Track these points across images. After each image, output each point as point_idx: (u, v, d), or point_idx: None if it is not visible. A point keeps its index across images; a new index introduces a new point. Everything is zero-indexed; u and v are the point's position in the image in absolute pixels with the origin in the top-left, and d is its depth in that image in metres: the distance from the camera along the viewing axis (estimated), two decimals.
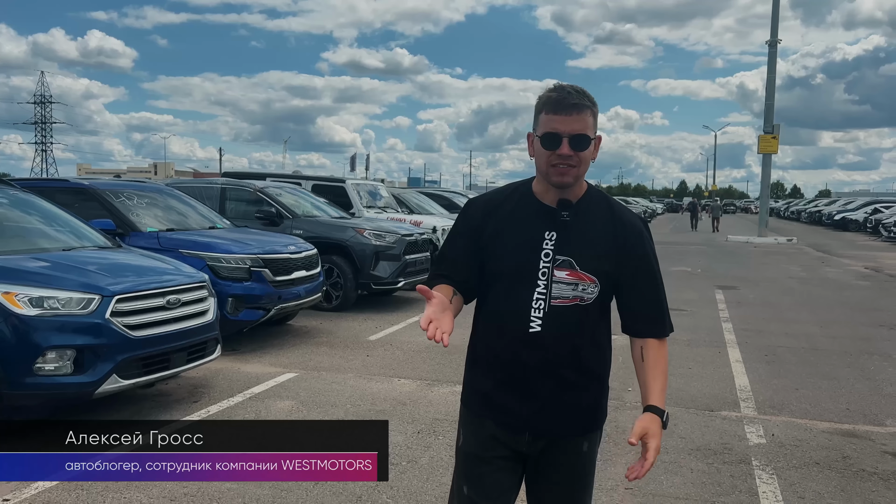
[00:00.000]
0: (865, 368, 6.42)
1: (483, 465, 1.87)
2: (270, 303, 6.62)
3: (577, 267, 1.80)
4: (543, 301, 1.79)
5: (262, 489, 3.51)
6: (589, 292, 1.80)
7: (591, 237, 1.82)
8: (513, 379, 1.83)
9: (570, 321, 1.80)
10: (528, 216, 1.84)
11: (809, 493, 3.68)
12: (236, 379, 5.59)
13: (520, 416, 1.83)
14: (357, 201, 11.42)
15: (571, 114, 1.73)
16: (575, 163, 1.75)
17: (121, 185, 7.66)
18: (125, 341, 4.28)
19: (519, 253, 1.81)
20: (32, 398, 4.10)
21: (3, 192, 5.38)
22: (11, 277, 4.17)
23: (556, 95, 1.76)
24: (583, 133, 1.74)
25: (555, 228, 1.81)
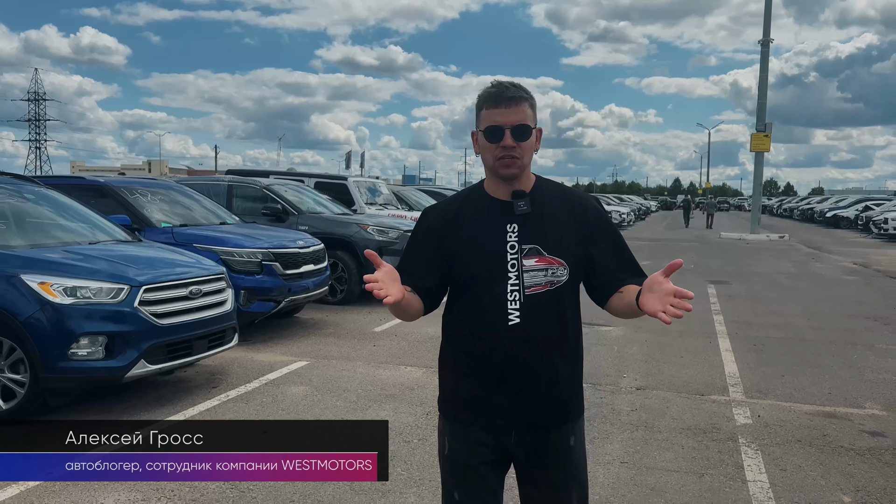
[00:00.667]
0: (848, 357, 6.75)
1: (471, 471, 1.90)
2: (281, 295, 6.91)
3: (545, 252, 1.84)
4: (518, 292, 1.82)
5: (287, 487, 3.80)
6: (559, 275, 1.84)
7: (551, 222, 1.87)
8: (499, 376, 1.85)
9: (546, 308, 1.84)
10: (486, 215, 1.88)
11: (790, 465, 3.99)
12: (251, 367, 5.87)
13: (507, 413, 1.86)
14: (359, 198, 11.70)
15: (511, 106, 1.81)
16: (518, 154, 1.82)
17: (134, 182, 7.93)
18: (152, 328, 4.56)
19: (486, 251, 1.85)
20: (67, 381, 4.38)
21: (28, 189, 5.64)
22: (46, 269, 4.45)
23: (495, 91, 1.84)
24: (523, 123, 1.81)
25: (514, 220, 1.85)
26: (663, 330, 7.81)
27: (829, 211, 39.78)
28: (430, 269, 1.90)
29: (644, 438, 4.39)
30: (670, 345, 7.07)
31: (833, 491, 3.66)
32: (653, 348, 6.90)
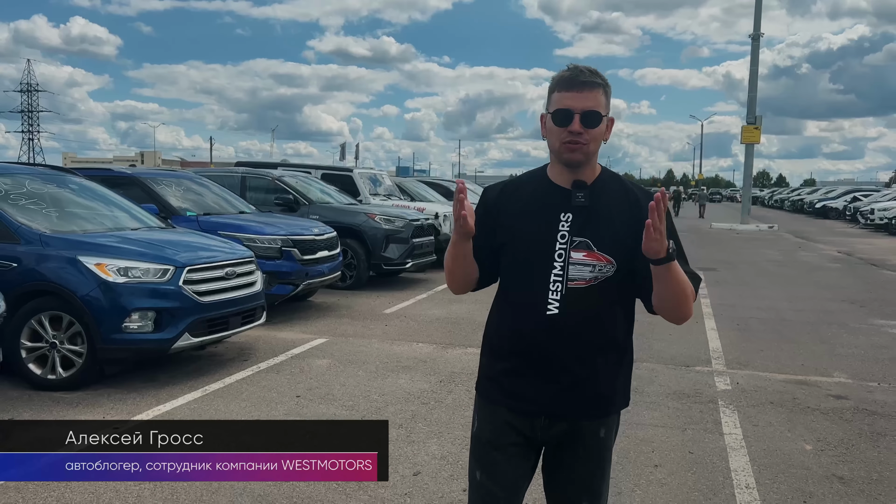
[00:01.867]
0: (823, 335, 7.33)
1: (496, 452, 1.88)
2: (299, 279, 7.43)
3: (595, 248, 1.79)
4: (561, 283, 1.79)
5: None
6: (606, 272, 1.79)
7: (607, 217, 1.81)
8: (530, 362, 1.83)
9: (588, 303, 1.79)
10: (543, 199, 1.85)
11: (762, 422, 4.56)
12: (275, 343, 6.40)
13: (535, 400, 1.84)
14: (363, 189, 12.20)
15: (583, 91, 1.77)
16: (586, 140, 1.77)
17: (159, 173, 8.43)
18: (195, 305, 5.09)
19: (535, 235, 1.82)
20: (121, 352, 4.91)
21: (70, 180, 6.13)
22: (100, 251, 4.96)
23: (569, 74, 1.80)
24: (594, 109, 1.77)
25: (570, 210, 1.81)
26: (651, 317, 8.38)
27: (818, 202, 40.50)
28: (486, 247, 1.89)
29: (634, 401, 4.89)
30: (660, 324, 7.55)
31: (797, 441, 4.23)
32: (643, 327, 7.38)
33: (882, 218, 25.37)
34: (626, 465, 3.81)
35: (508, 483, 1.88)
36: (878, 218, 25.77)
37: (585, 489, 1.89)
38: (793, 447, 4.13)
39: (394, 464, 3.73)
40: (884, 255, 16.36)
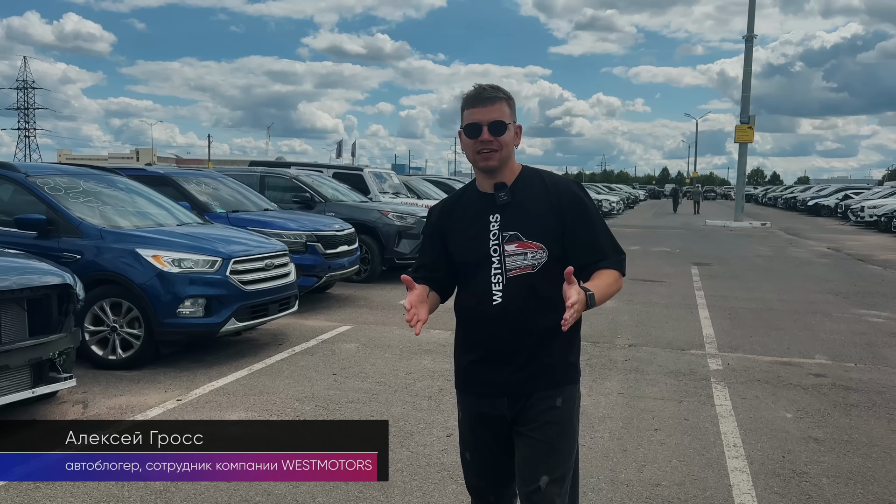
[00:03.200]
0: (808, 323, 7.92)
1: (476, 434, 2.15)
2: (322, 271, 7.98)
3: (524, 238, 2.01)
4: (500, 275, 2.01)
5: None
6: (539, 258, 2.01)
7: (530, 208, 2.03)
8: (487, 349, 2.06)
9: (527, 288, 2.00)
10: (474, 207, 2.09)
11: (749, 395, 5.13)
12: (305, 330, 6.95)
13: (496, 383, 2.06)
14: (374, 187, 12.75)
15: (487, 105, 2.00)
16: (496, 146, 1.99)
17: (187, 173, 8.96)
18: (240, 293, 5.64)
19: (473, 240, 2.05)
20: (175, 334, 5.46)
21: (119, 181, 6.67)
22: (155, 244, 5.51)
23: (475, 92, 2.03)
24: (499, 120, 1.99)
25: (497, 210, 2.04)
26: (651, 302, 8.98)
27: (810, 200, 41.20)
28: (440, 261, 2.14)
29: (635, 378, 5.52)
30: (657, 314, 8.21)
31: (780, 410, 4.81)
32: (642, 316, 8.04)
33: (872, 215, 26.02)
34: (630, 429, 4.38)
35: (493, 458, 2.12)
36: (868, 215, 26.42)
37: (544, 459, 2.02)
38: (775, 415, 4.71)
39: (429, 428, 4.29)
40: (871, 250, 17.00)
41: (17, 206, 5.74)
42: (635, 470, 3.76)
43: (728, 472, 3.76)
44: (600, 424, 4.44)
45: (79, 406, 4.61)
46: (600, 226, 2.09)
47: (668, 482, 3.61)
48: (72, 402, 4.68)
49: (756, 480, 3.64)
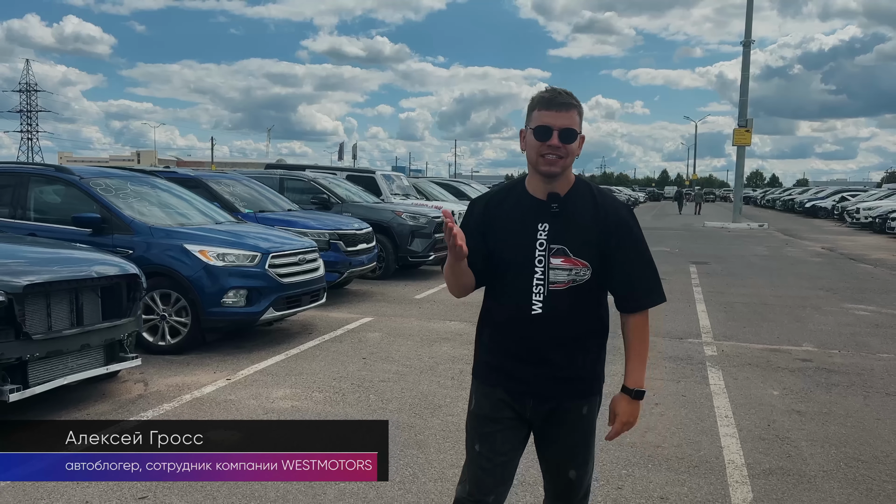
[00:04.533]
0: (799, 315, 8.46)
1: (492, 424, 2.11)
2: (344, 267, 8.53)
3: (571, 254, 2.00)
4: (542, 286, 2.00)
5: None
6: (582, 275, 2.01)
7: (580, 225, 2.01)
8: (519, 355, 2.07)
9: (567, 303, 2.01)
10: (522, 210, 2.05)
11: (741, 377, 5.67)
12: (331, 321, 7.50)
13: (525, 383, 2.08)
14: (385, 189, 13.29)
15: (561, 110, 1.98)
16: (563, 154, 1.98)
17: (216, 175, 9.50)
18: (278, 285, 6.18)
19: (517, 244, 2.03)
20: (219, 322, 6.00)
21: (159, 182, 7.22)
22: (201, 241, 6.05)
23: (549, 95, 2.01)
24: (571, 127, 1.98)
25: (547, 220, 2.01)
26: None
27: (808, 202, 41.76)
28: (478, 252, 2.06)
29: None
30: (658, 308, 8.69)
31: (767, 389, 5.35)
32: None
33: (867, 217, 26.57)
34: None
35: (504, 452, 2.11)
36: (864, 217, 26.97)
37: (572, 458, 2.14)
38: (763, 393, 5.25)
39: (454, 401, 4.83)
40: (864, 250, 17.55)
41: (71, 206, 6.28)
42: (639, 435, 4.29)
43: (720, 437, 4.29)
44: (606, 399, 4.95)
45: (140, 384, 5.15)
46: (646, 257, 2.11)
47: (667, 444, 4.15)
48: (133, 380, 5.22)
49: (744, 444, 4.18)
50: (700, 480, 3.66)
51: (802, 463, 3.92)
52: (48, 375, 4.18)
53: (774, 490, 3.56)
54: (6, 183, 6.56)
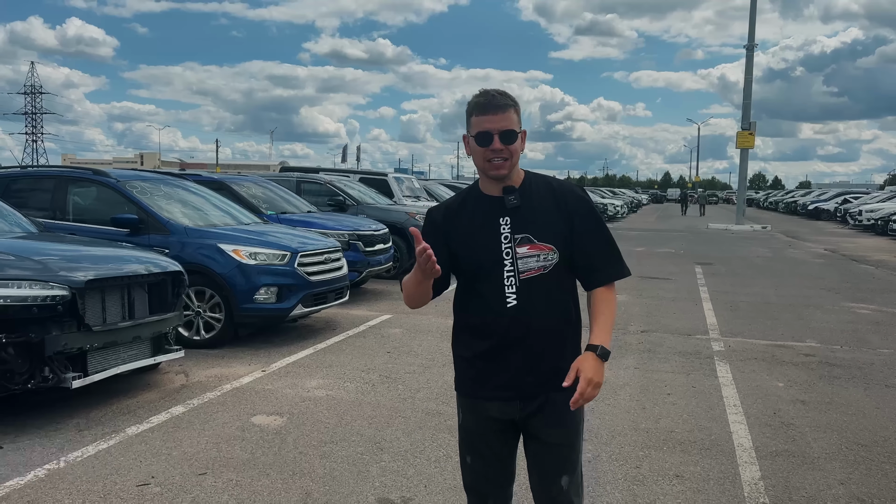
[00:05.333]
0: (802, 314, 8.76)
1: (479, 437, 2.13)
2: (363, 267, 8.84)
3: (535, 240, 2.02)
4: (513, 277, 2.01)
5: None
6: (550, 259, 2.03)
7: (539, 211, 2.05)
8: (504, 354, 2.04)
9: (540, 289, 2.02)
10: (482, 211, 2.08)
11: (747, 370, 5.97)
12: (352, 318, 7.81)
13: (508, 386, 2.05)
14: (397, 191, 13.60)
15: (497, 113, 1.98)
16: (507, 155, 1.99)
17: (238, 178, 9.82)
18: (306, 283, 6.50)
19: (484, 244, 2.04)
20: (251, 318, 6.32)
21: (189, 185, 7.53)
22: (234, 240, 6.37)
23: (484, 100, 2.01)
24: (510, 128, 1.99)
25: (507, 214, 2.04)
26: (659, 296, 9.83)
27: (811, 204, 42.02)
28: (443, 261, 2.02)
29: (648, 357, 6.36)
30: (665, 306, 9.06)
31: (773, 381, 5.65)
32: (652, 308, 8.88)
33: (869, 219, 26.85)
34: (646, 393, 5.23)
35: (494, 462, 2.14)
36: (866, 219, 27.24)
37: (562, 461, 2.10)
38: (769, 384, 5.55)
39: None
40: (865, 252, 17.84)
41: (108, 207, 6.60)
42: (653, 422, 4.60)
43: (729, 423, 4.60)
44: (621, 390, 5.28)
45: (181, 375, 5.46)
46: (604, 230, 2.13)
47: (680, 430, 4.45)
48: (173, 372, 5.53)
49: (751, 429, 4.48)
50: (712, 461, 3.96)
51: (806, 446, 4.22)
52: (104, 365, 4.50)
53: (781, 470, 3.86)
54: (45, 186, 6.90)
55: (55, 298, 4.13)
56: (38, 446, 3.94)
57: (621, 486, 3.60)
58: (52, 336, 4.13)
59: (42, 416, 4.42)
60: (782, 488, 3.61)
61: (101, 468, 3.67)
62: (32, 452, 3.85)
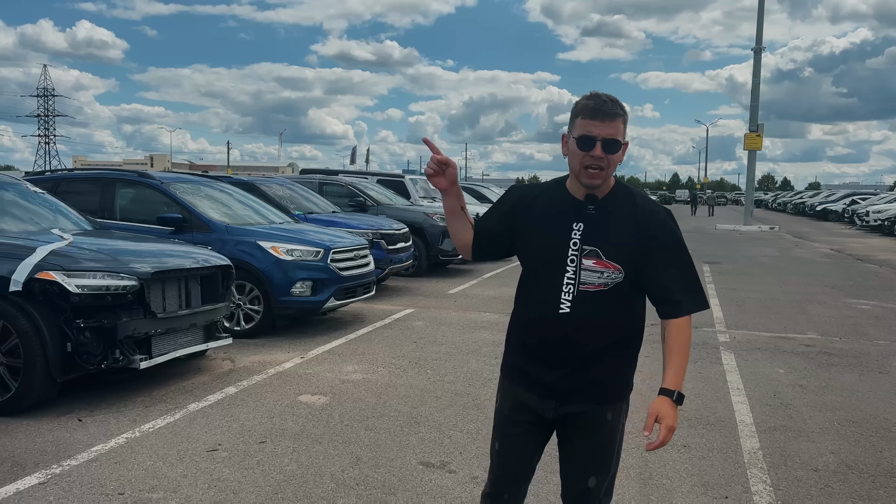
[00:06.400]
0: (805, 309, 9.17)
1: (512, 426, 2.12)
2: (386, 264, 9.31)
3: (603, 256, 1.96)
4: (573, 286, 1.97)
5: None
6: (613, 278, 1.96)
7: (615, 228, 1.98)
8: (543, 353, 2.03)
9: (597, 304, 1.97)
10: (558, 208, 2.04)
11: (751, 358, 6.40)
12: (377, 312, 8.28)
13: (546, 384, 2.04)
14: (414, 192, 14.08)
15: (605, 120, 1.92)
16: (605, 164, 1.94)
17: (265, 180, 10.33)
18: (338, 277, 6.97)
19: (550, 241, 2.01)
20: (288, 310, 6.80)
21: (225, 186, 8.03)
22: (272, 238, 6.85)
23: (594, 104, 1.94)
24: (615, 138, 1.94)
25: (582, 220, 1.99)
26: None
27: (819, 205, 42.28)
28: (492, 231, 2.13)
29: (658, 347, 6.68)
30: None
31: (774, 368, 6.08)
32: None
33: (876, 220, 27.12)
34: (656, 377, 5.58)
35: (520, 454, 2.13)
36: (873, 220, 27.52)
37: (592, 463, 2.09)
38: (771, 370, 5.98)
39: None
40: (871, 251, 18.18)
41: (153, 207, 7.09)
42: None
43: (732, 403, 5.03)
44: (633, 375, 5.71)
45: (227, 361, 5.94)
46: (686, 263, 2.04)
47: (687, 409, 4.89)
48: (220, 359, 6.01)
49: (753, 408, 4.92)
50: (716, 434, 4.40)
51: (802, 422, 4.65)
52: (166, 348, 4.99)
53: (778, 441, 4.29)
54: (93, 187, 7.40)
55: (126, 288, 4.61)
56: (112, 419, 4.42)
57: (634, 453, 4.04)
58: (123, 322, 4.61)
59: (110, 395, 4.91)
60: (779, 456, 4.05)
61: (172, 437, 4.14)
62: (109, 424, 4.34)
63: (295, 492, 3.44)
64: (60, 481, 3.51)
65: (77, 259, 4.61)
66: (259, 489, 3.46)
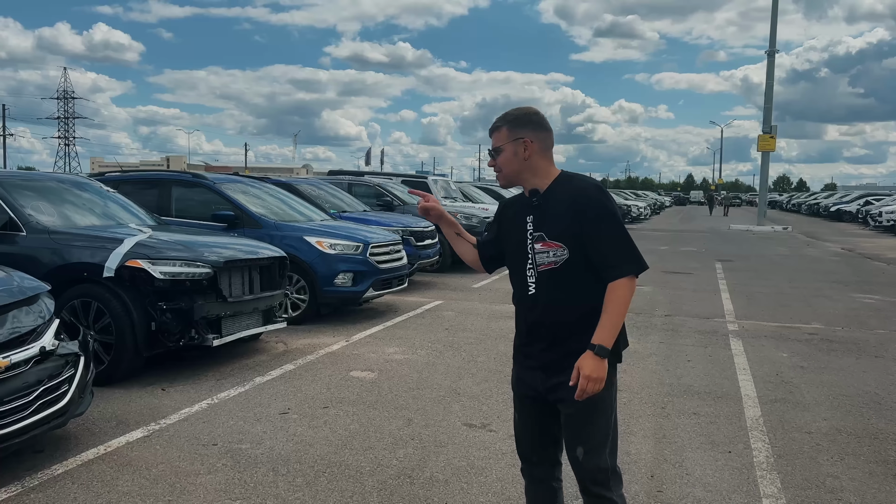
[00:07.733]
0: (812, 302, 9.69)
1: (519, 400, 2.45)
2: (415, 259, 9.92)
3: (547, 238, 2.25)
4: (532, 269, 2.29)
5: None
6: (560, 255, 2.23)
7: (555, 212, 2.26)
8: (529, 333, 2.35)
9: (555, 282, 2.25)
10: (517, 209, 2.40)
11: (757, 345, 6.96)
12: (408, 303, 8.90)
13: (534, 358, 2.33)
14: (437, 193, 14.69)
15: (492, 136, 2.35)
16: (498, 168, 2.34)
17: (301, 180, 10.99)
18: (377, 270, 7.60)
19: (515, 236, 2.36)
20: (331, 299, 7.44)
21: (268, 186, 8.68)
22: (316, 233, 7.50)
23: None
24: (495, 146, 2.33)
25: (531, 213, 2.31)
26: (681, 288, 10.80)
27: (833, 206, 42.45)
28: (496, 243, 2.51)
29: (672, 334, 7.37)
30: (687, 296, 10.03)
31: (779, 353, 6.63)
32: (674, 297, 9.87)
33: (889, 220, 27.42)
34: (670, 360, 6.24)
35: (532, 423, 2.42)
36: (886, 220, 27.81)
37: (579, 433, 2.29)
38: (775, 355, 6.53)
39: None
40: (882, 251, 18.58)
41: (206, 206, 7.76)
42: (675, 378, 5.62)
43: (738, 380, 5.60)
44: (649, 358, 6.30)
45: (281, 344, 6.58)
46: (614, 228, 2.23)
47: (698, 385, 5.47)
48: (272, 342, 6.65)
49: (757, 385, 5.48)
50: (723, 405, 4.97)
51: (800, 396, 5.21)
52: (233, 329, 5.63)
53: (777, 411, 4.86)
54: (151, 187, 8.08)
55: (201, 275, 5.26)
56: (191, 389, 5.07)
57: (650, 420, 4.63)
58: (199, 304, 5.25)
59: (185, 369, 5.56)
60: (777, 422, 4.62)
61: (246, 403, 4.78)
62: (189, 393, 4.98)
63: (360, 444, 4.07)
64: (161, 434, 4.15)
65: (159, 249, 5.26)
66: (329, 442, 4.08)
